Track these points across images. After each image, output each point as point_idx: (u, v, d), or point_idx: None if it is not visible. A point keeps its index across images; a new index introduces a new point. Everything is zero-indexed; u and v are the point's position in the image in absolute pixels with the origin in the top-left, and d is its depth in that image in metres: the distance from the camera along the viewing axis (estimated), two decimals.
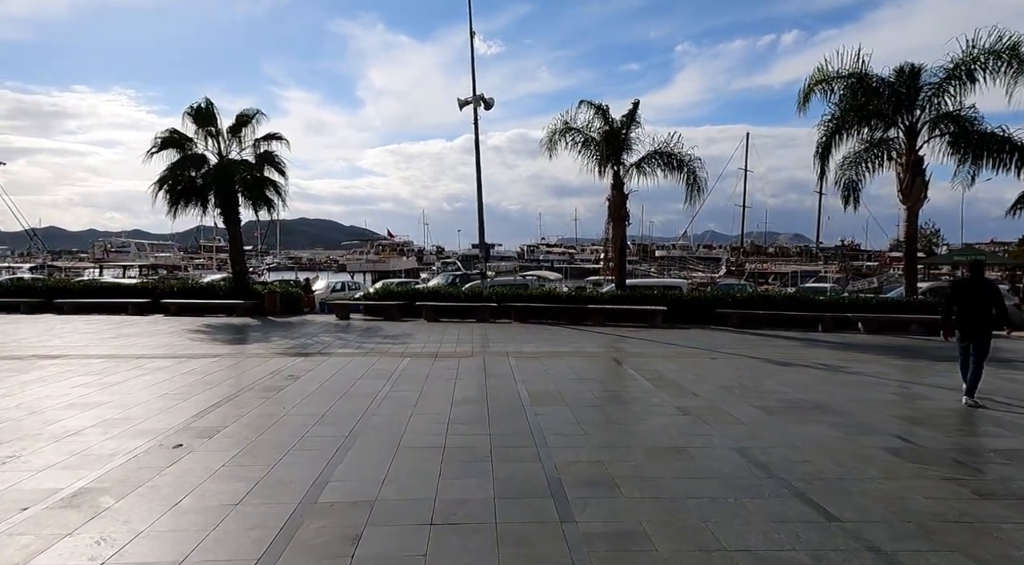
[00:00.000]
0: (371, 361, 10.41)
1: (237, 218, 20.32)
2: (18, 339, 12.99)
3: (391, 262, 58.35)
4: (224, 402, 7.32)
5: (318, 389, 8.09)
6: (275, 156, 20.58)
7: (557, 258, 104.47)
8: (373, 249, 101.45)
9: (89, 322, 16.47)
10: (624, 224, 18.70)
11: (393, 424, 6.37)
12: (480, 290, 19.02)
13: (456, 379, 8.91)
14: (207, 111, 19.43)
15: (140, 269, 59.54)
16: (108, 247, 79.08)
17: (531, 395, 7.84)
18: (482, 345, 12.64)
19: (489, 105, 18.73)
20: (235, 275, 20.66)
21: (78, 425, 6.25)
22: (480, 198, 19.11)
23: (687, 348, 12.57)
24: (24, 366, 9.63)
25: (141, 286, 21.29)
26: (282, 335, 14.10)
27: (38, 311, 19.29)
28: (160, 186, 19.25)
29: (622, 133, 18.74)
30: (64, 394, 7.68)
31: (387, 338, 13.60)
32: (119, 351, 11.35)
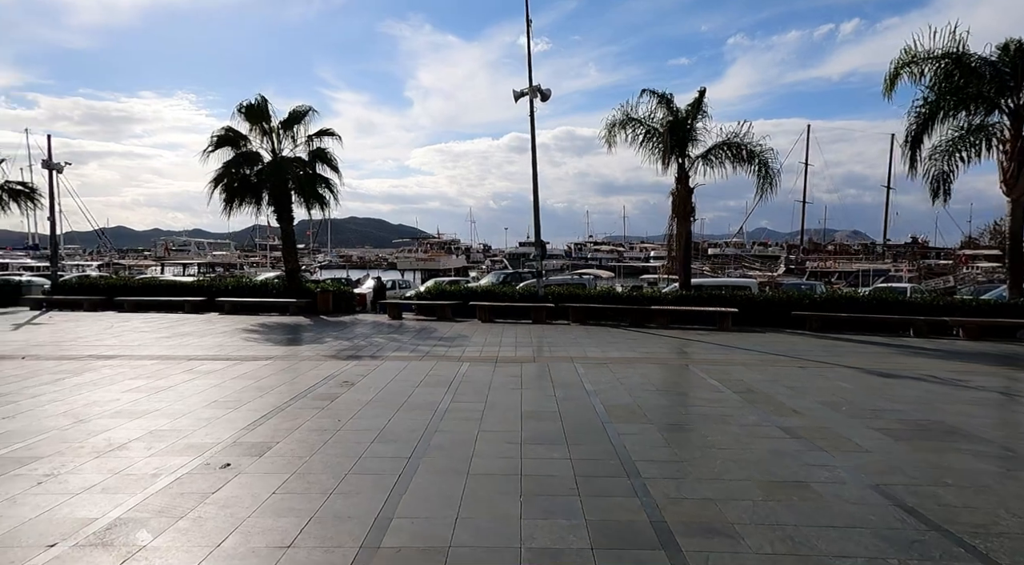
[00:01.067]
0: (428, 366, 9.77)
1: (290, 216, 20.15)
2: (78, 337, 12.97)
3: (440, 260, 58.22)
4: (275, 412, 6.77)
5: (374, 399, 7.47)
6: (327, 153, 20.30)
7: (605, 256, 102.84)
8: (421, 247, 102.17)
9: (146, 320, 16.50)
10: (690, 220, 17.57)
11: (459, 444, 5.66)
12: (535, 290, 18.24)
13: (521, 388, 8.15)
14: (259, 108, 19.28)
15: (198, 267, 61.43)
16: (169, 246, 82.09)
17: (608, 410, 7.01)
18: (543, 349, 11.86)
19: (546, 96, 17.90)
20: (288, 273, 20.52)
21: (123, 437, 5.78)
22: (536, 193, 18.33)
23: (768, 355, 11.46)
24: (79, 367, 9.40)
25: (197, 284, 21.42)
26: (335, 336, 13.66)
27: (100, 308, 19.59)
28: (216, 184, 19.23)
29: (687, 123, 17.61)
30: (113, 400, 7.29)
31: (442, 340, 12.98)
32: (172, 351, 11.08)
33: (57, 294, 20.87)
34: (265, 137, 19.83)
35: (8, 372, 9.01)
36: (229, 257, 69.50)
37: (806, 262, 60.29)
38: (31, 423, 6.25)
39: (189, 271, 57.72)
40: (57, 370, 9.14)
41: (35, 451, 5.34)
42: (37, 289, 22.45)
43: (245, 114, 19.05)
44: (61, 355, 10.52)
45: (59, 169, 22.49)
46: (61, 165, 22.69)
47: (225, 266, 60.04)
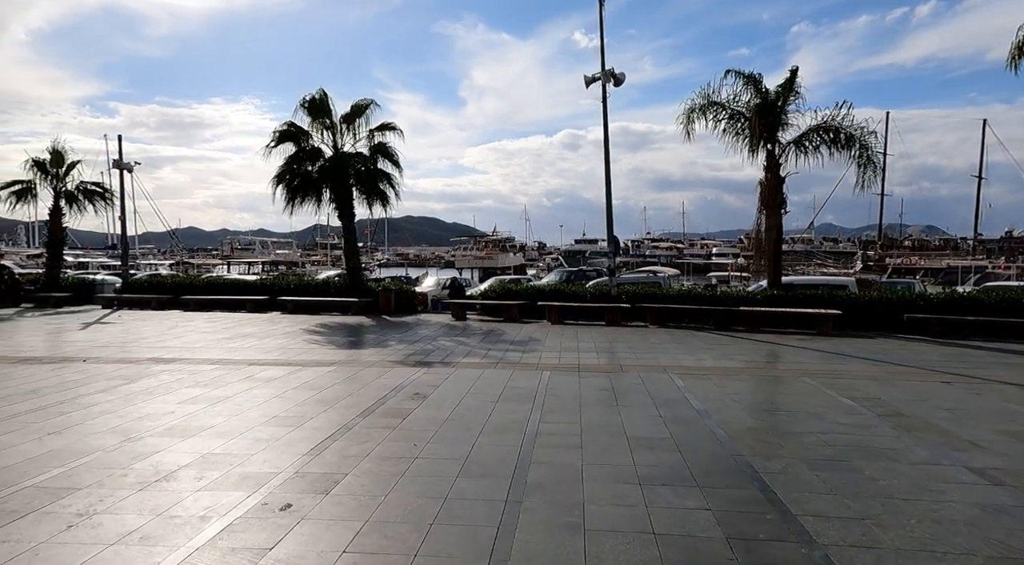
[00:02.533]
0: (504, 376, 8.76)
1: (351, 213, 19.61)
2: (140, 338, 12.65)
3: (498, 258, 57.47)
4: (341, 433, 5.88)
5: (451, 417, 6.49)
6: (389, 147, 19.68)
7: (663, 253, 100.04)
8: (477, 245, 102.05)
9: (209, 320, 16.23)
10: (780, 212, 15.92)
11: (563, 482, 4.59)
12: (606, 289, 17.01)
13: (618, 406, 7.02)
14: (321, 102, 18.80)
15: (262, 265, 62.92)
16: (235, 245, 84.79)
17: (732, 436, 5.79)
18: (627, 356, 10.66)
19: (620, 80, 16.62)
20: (349, 272, 20.01)
21: (172, 463, 4.99)
22: (608, 185, 17.05)
23: (894, 365, 9.89)
24: (136, 372, 8.87)
25: (260, 283, 21.22)
26: (399, 338, 12.87)
27: (166, 307, 19.61)
28: (278, 181, 18.89)
29: (777, 106, 15.97)
30: (167, 412, 6.60)
31: (514, 344, 11.96)
32: (233, 355, 10.49)
33: (127, 293, 21.09)
34: (326, 132, 19.37)
35: (67, 376, 8.55)
36: (291, 256, 71.04)
37: (886, 259, 56.31)
38: (76, 441, 5.57)
39: (253, 270, 59.11)
40: (114, 375, 8.62)
41: (73, 480, 4.60)
42: (109, 287, 22.83)
43: (307, 109, 18.61)
44: (121, 358, 10.08)
45: (129, 169, 22.79)
46: (131, 165, 23.00)
47: (287, 264, 61.23)
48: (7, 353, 10.54)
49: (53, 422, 6.19)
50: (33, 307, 19.97)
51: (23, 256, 53.72)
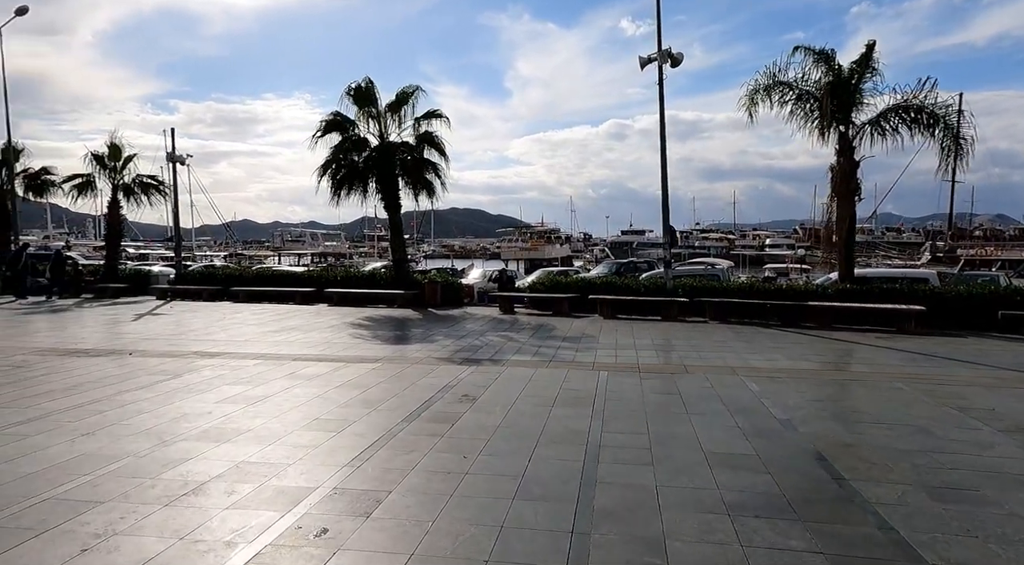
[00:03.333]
0: (558, 375, 8.13)
1: (397, 204, 19.26)
2: (187, 330, 12.58)
3: (545, 250, 56.74)
4: (385, 440, 5.37)
5: (503, 423, 5.91)
6: (435, 136, 19.19)
7: (714, 245, 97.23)
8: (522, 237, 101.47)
9: (257, 312, 16.16)
10: (854, 199, 14.67)
11: (637, 509, 3.94)
12: (661, 282, 16.13)
13: (688, 413, 6.30)
14: (367, 90, 18.48)
15: (311, 257, 64.05)
16: (286, 237, 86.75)
17: (828, 454, 5.01)
18: (690, 355, 9.87)
19: (677, 61, 15.63)
20: (395, 263, 19.72)
21: (203, 473, 4.57)
22: (664, 171, 16.12)
23: (1000, 369, 8.79)
24: (179, 367, 8.63)
25: (307, 275, 21.18)
26: (445, 333, 12.39)
27: (217, 298, 19.75)
28: (324, 171, 18.70)
29: (851, 84, 14.70)
30: (204, 413, 6.24)
31: (566, 341, 11.31)
32: (277, 349, 10.20)
33: (180, 284, 21.39)
34: (372, 121, 19.04)
35: (111, 371, 8.38)
36: (340, 247, 72.11)
37: (956, 250, 52.88)
38: (108, 444, 5.24)
39: (303, 261, 60.23)
40: (157, 370, 8.40)
41: (98, 490, 4.22)
42: (164, 279, 23.25)
43: (353, 97, 18.31)
44: (166, 351, 9.91)
45: (181, 161, 23.09)
46: (183, 157, 23.30)
47: (336, 256, 62.13)
48: (57, 345, 10.54)
49: (88, 421, 5.91)
50: (92, 298, 20.45)
51: (90, 248, 56.14)
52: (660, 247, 58.03)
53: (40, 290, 20.44)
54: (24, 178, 24.27)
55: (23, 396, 6.88)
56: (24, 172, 24.28)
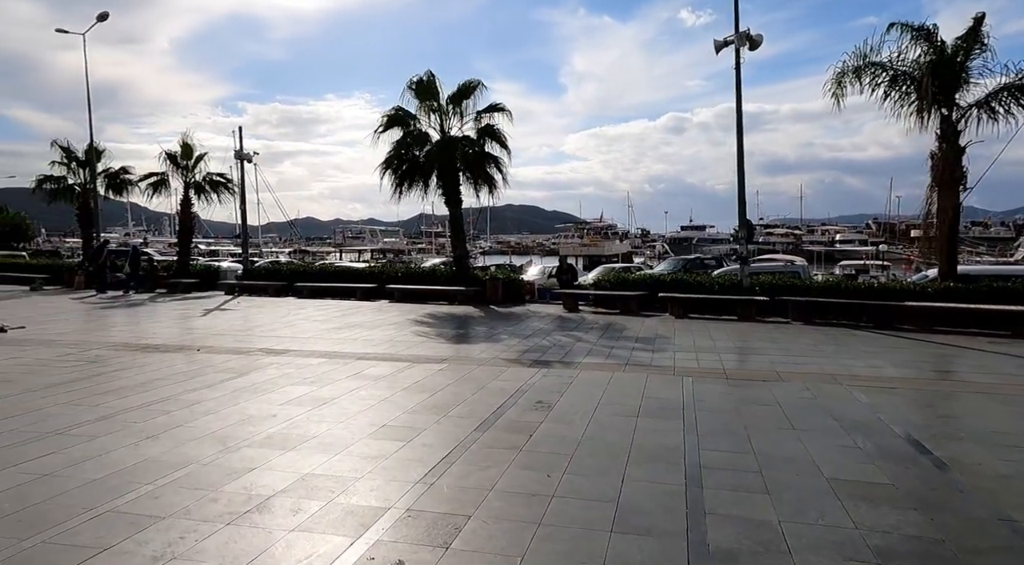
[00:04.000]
0: (638, 381, 7.50)
1: (458, 199, 18.95)
2: (253, 326, 12.59)
3: (604, 246, 55.62)
4: (458, 453, 4.91)
5: (586, 436, 5.35)
6: (496, 129, 18.75)
7: (779, 240, 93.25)
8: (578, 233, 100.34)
9: (320, 308, 16.17)
10: (958, 189, 13.28)
11: (763, 554, 3.31)
12: (737, 279, 15.16)
13: (795, 430, 5.57)
14: (428, 84, 18.20)
15: (371, 253, 65.16)
16: (347, 234, 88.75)
17: (982, 487, 4.21)
18: (780, 360, 9.03)
19: (756, 43, 14.60)
20: (456, 259, 19.43)
21: (267, 486, 4.22)
22: (741, 160, 15.09)
23: None
24: (245, 365, 8.49)
25: (368, 271, 21.17)
26: (510, 332, 11.93)
27: (281, 294, 19.99)
28: (386, 167, 18.57)
29: (955, 62, 13.32)
30: (269, 416, 5.97)
31: (639, 342, 10.63)
32: (341, 347, 9.98)
33: (247, 279, 21.80)
34: (433, 115, 18.76)
35: (179, 367, 8.31)
36: (398, 244, 73.14)
37: None
38: (172, 449, 4.99)
39: (363, 257, 61.28)
40: (224, 368, 8.28)
41: (159, 503, 3.93)
42: (232, 274, 23.82)
43: (415, 90, 18.07)
44: (233, 348, 9.84)
45: (248, 159, 23.58)
46: (250, 155, 23.80)
47: (395, 252, 62.95)
48: (131, 340, 10.68)
49: (154, 423, 5.72)
50: (166, 292, 21.11)
51: (165, 244, 58.88)
52: (723, 243, 56.31)
53: (118, 285, 21.26)
54: (105, 177, 25.37)
55: (95, 393, 6.82)
56: (105, 172, 25.39)
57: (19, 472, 4.45)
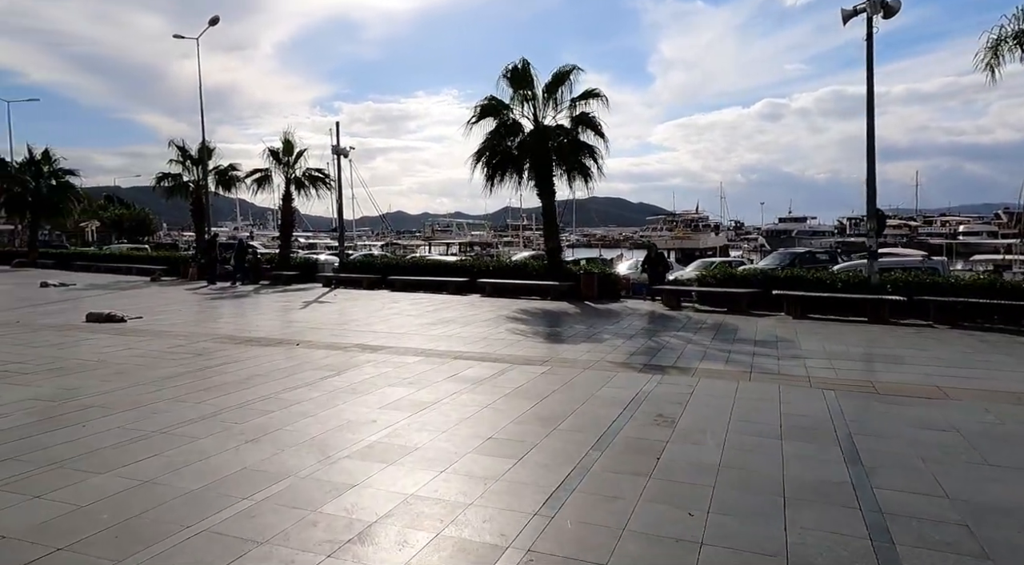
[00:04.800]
0: (769, 393, 6.56)
1: (551, 190, 18.33)
2: (349, 320, 12.57)
3: (699, 238, 53.19)
4: (578, 477, 4.28)
5: (725, 463, 4.56)
6: (591, 117, 17.94)
7: (892, 232, 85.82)
8: (667, 225, 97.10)
9: (413, 302, 16.07)
10: None
11: None
12: (864, 276, 13.56)
13: (989, 465, 4.51)
14: (523, 71, 17.64)
15: (459, 246, 65.89)
16: (435, 227, 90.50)
17: None
18: (936, 370, 7.74)
19: (892, 10, 12.89)
20: (548, 253, 18.82)
21: (369, 509, 3.78)
22: (871, 141, 13.39)
23: None
24: (343, 362, 8.28)
25: (460, 264, 21.01)
26: (612, 331, 11.17)
27: (375, 287, 20.21)
28: (478, 158, 18.23)
29: None
30: (369, 422, 5.60)
31: (759, 345, 9.57)
32: (436, 344, 9.63)
33: (343, 272, 22.26)
34: (527, 104, 18.21)
35: (280, 363, 8.22)
36: (485, 237, 73.56)
37: None
38: (272, 456, 4.69)
39: (451, 250, 62.10)
40: (322, 364, 8.10)
41: (256, 524, 3.57)
42: (329, 267, 24.45)
43: (509, 78, 17.58)
44: (330, 343, 9.73)
45: (344, 154, 24.06)
46: (346, 150, 24.28)
47: (482, 245, 63.33)
48: (235, 333, 10.86)
49: (254, 424, 5.49)
50: (269, 284, 21.94)
51: (269, 238, 62.28)
52: (825, 236, 52.25)
53: (226, 276, 22.33)
54: (216, 174, 26.83)
55: (198, 389, 6.77)
56: (215, 169, 26.84)
57: (121, 477, 4.27)
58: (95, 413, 5.80)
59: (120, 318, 12.00)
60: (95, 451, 4.77)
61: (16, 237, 47.53)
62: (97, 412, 5.83)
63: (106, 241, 51.48)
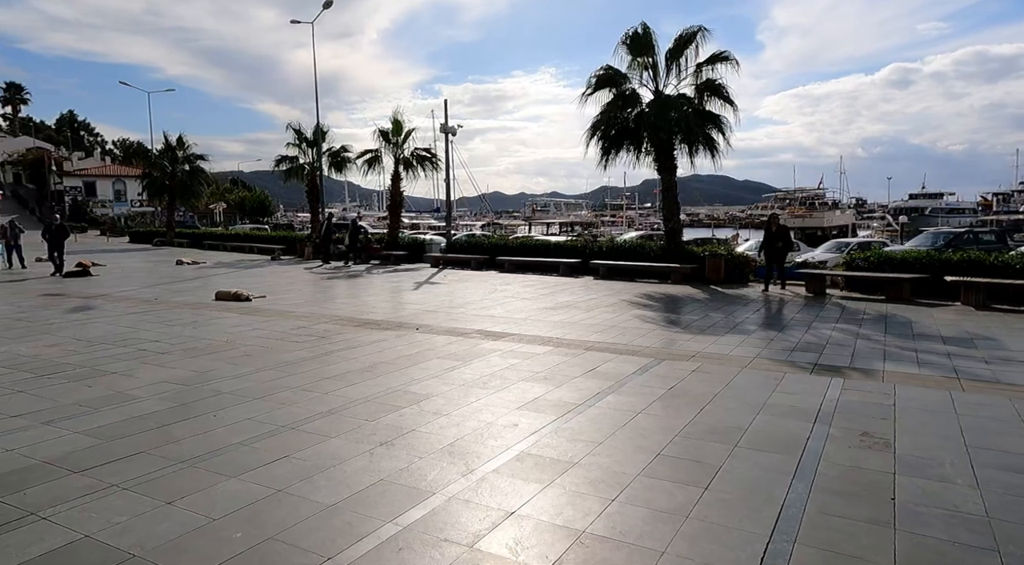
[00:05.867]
0: (1002, 409, 5.21)
1: (672, 165, 16.94)
2: (464, 303, 12.08)
3: (824, 217, 48.84)
4: (789, 525, 3.33)
5: (995, 516, 3.43)
6: (718, 83, 16.32)
7: None
8: (779, 203, 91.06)
9: (525, 284, 15.42)
10: None
11: None
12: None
13: None
14: (644, 37, 16.28)
15: (560, 226, 64.98)
16: (534, 207, 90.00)
17: None
18: None
19: None
20: (667, 234, 17.49)
21: (536, 552, 3.05)
22: None
23: None
24: (467, 351, 7.71)
25: (570, 245, 20.11)
26: (756, 321, 9.90)
27: (484, 267, 19.82)
28: (593, 133, 17.15)
29: None
30: (510, 426, 4.92)
31: (950, 343, 7.98)
32: (561, 332, 8.86)
33: (450, 252, 22.07)
34: (646, 73, 16.86)
35: (401, 349, 7.78)
36: (587, 216, 72.10)
37: None
38: (407, 466, 4.11)
39: (551, 231, 61.30)
40: (445, 352, 7.56)
41: (405, 559, 2.95)
42: (436, 247, 24.42)
43: (628, 45, 16.29)
44: (450, 328, 9.22)
45: (453, 132, 23.77)
46: (455, 128, 23.96)
47: (583, 225, 62.01)
48: (354, 314, 10.66)
49: (385, 423, 4.97)
50: (379, 264, 22.19)
51: (376, 218, 64.43)
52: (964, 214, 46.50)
53: (339, 256, 22.82)
54: (328, 156, 27.52)
55: (324, 377, 6.41)
56: (328, 151, 27.52)
57: (253, 482, 3.83)
58: (226, 401, 5.54)
59: (246, 297, 12.23)
60: (226, 449, 4.40)
61: (156, 218, 52.13)
62: (228, 400, 5.57)
63: (231, 221, 55.27)
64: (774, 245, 14.19)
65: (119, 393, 5.78)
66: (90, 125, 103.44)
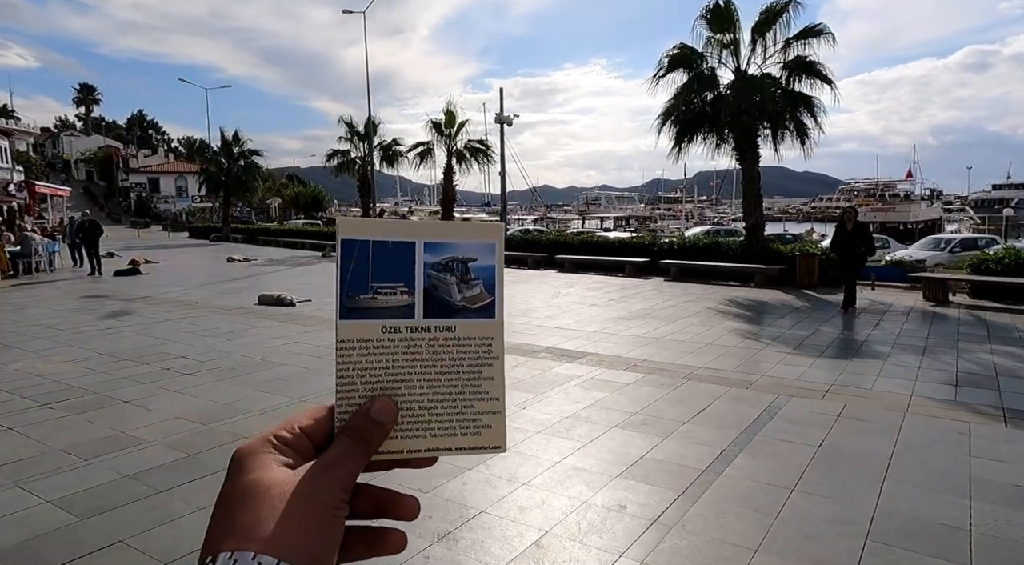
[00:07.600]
0: None
1: (756, 153, 15.18)
2: (527, 309, 10.78)
3: (910, 211, 45.12)
4: None
5: None
6: (810, 61, 14.45)
7: None
8: (845, 196, 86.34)
9: (590, 286, 14.01)
10: None
11: None
12: None
13: None
14: (725, 11, 14.57)
15: (614, 220, 63.02)
16: (587, 200, 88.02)
17: None
18: None
19: None
20: (748, 231, 15.73)
21: None
22: None
23: None
24: (537, 377, 6.40)
25: (636, 242, 18.56)
26: (885, 340, 8.21)
27: (542, 266, 18.53)
28: (665, 118, 15.57)
29: None
30: (615, 507, 3.57)
31: None
32: (647, 351, 7.43)
33: (506, 250, 20.80)
34: (725, 51, 15.14)
35: None
36: (641, 210, 69.81)
37: None
38: None
39: (606, 224, 59.44)
40: (513, 379, 6.25)
41: None
42: None
43: (708, 20, 14.63)
44: (515, 343, 7.91)
45: (509, 122, 22.49)
46: (510, 118, 22.69)
47: (639, 219, 59.87)
48: None
49: (445, 494, 3.71)
50: None
51: (427, 213, 64.01)
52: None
53: None
54: (380, 150, 26.75)
55: None
56: (380, 144, 26.76)
57: None
58: None
59: (289, 302, 11.30)
60: None
61: (214, 214, 53.09)
62: None
63: (287, 216, 55.83)
64: (853, 248, 10.39)
65: (122, 435, 4.74)
66: (158, 124, 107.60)
